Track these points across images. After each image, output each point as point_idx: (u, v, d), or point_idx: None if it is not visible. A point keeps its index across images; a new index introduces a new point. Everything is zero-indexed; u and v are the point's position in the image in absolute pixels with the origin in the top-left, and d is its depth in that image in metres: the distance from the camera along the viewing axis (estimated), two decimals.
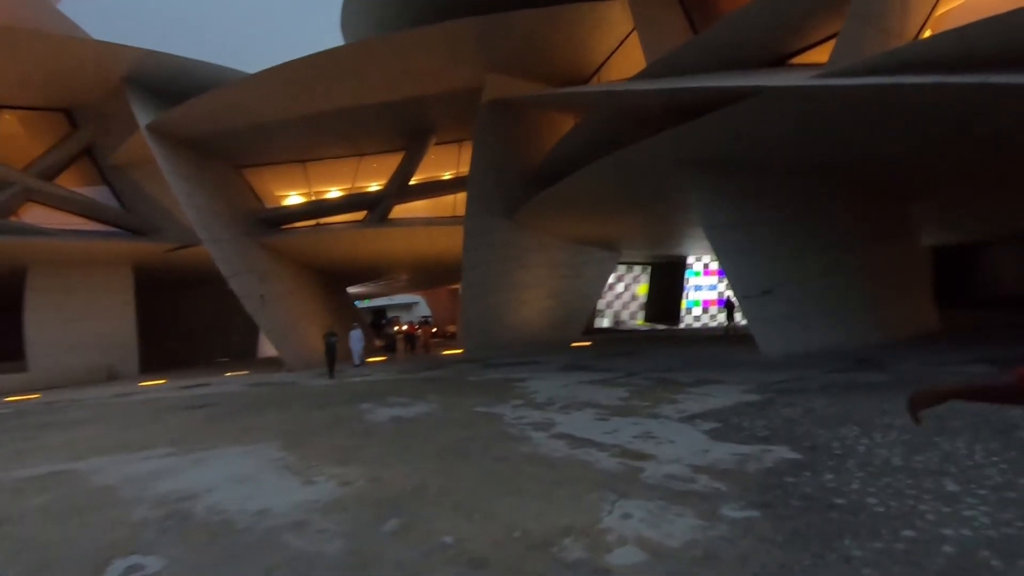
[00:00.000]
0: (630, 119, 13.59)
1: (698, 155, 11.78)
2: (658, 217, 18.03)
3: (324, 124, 18.59)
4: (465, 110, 18.83)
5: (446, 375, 12.23)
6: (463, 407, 7.49)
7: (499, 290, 18.67)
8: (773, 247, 12.08)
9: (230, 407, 9.68)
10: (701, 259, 26.79)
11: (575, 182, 14.29)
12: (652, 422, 5.64)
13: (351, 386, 11.72)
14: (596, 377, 9.56)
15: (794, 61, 11.55)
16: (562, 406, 6.90)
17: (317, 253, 21.01)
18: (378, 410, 7.89)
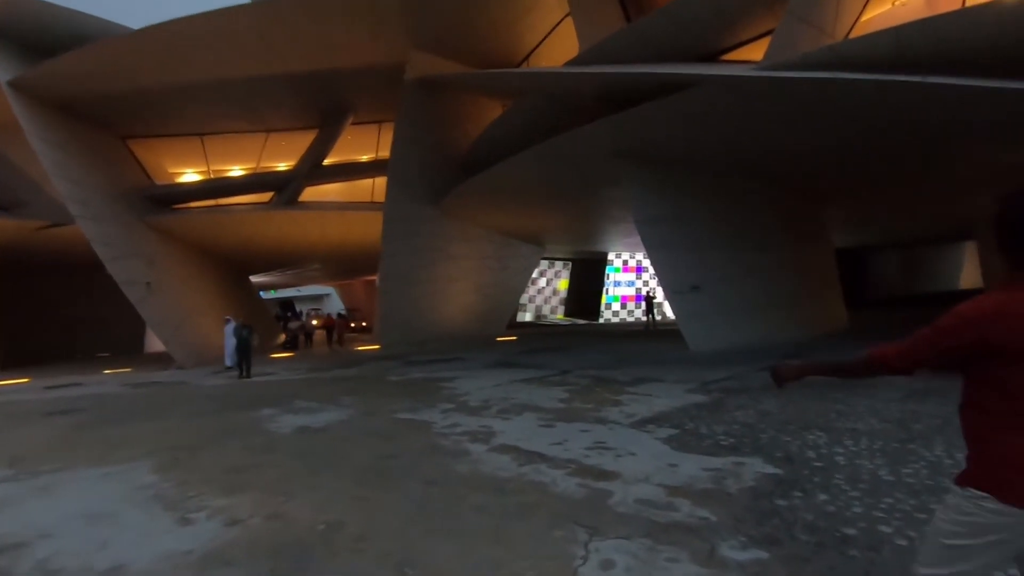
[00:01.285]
0: (563, 107, 13.08)
1: (634, 147, 11.46)
2: (584, 211, 17.77)
3: (226, 94, 16.65)
4: (387, 89, 17.57)
5: (362, 374, 11.14)
6: (384, 413, 6.57)
7: (421, 281, 17.65)
8: (701, 243, 12.04)
9: (101, 413, 8.11)
10: (620, 256, 27.11)
11: (505, 170, 13.61)
12: (602, 429, 5.05)
13: (251, 387, 10.35)
14: (529, 375, 8.92)
15: (727, 57, 11.52)
16: (499, 410, 6.17)
17: (215, 237, 18.88)
18: (281, 417, 6.77)
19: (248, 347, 12.19)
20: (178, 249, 18.05)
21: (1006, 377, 1.35)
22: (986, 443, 1.41)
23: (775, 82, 8.09)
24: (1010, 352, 1.33)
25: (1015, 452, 1.34)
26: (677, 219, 11.90)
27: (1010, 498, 1.33)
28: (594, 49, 11.94)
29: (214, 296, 19.61)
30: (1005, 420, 1.37)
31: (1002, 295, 1.37)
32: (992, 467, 1.38)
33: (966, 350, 1.38)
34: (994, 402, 1.38)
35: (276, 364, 14.73)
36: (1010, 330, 1.32)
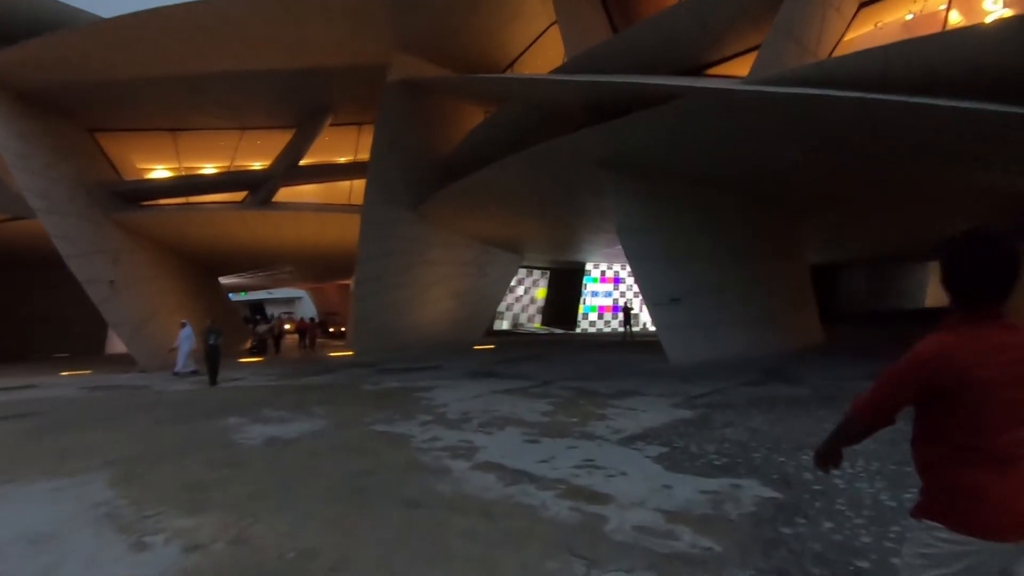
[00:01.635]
0: (547, 115, 13.00)
1: (618, 157, 11.40)
2: (565, 220, 17.68)
3: (201, 88, 16.13)
4: (368, 90, 17.27)
5: (335, 382, 10.76)
6: (358, 425, 6.26)
7: (398, 287, 17.29)
8: (682, 255, 12.02)
9: (55, 419, 7.61)
10: (598, 266, 27.13)
11: (486, 176, 13.44)
12: (590, 445, 4.86)
13: (217, 393, 9.90)
14: (510, 386, 8.69)
15: (712, 72, 11.58)
16: (481, 424, 5.93)
17: (185, 235, 18.23)
18: (250, 428, 6.41)
19: (217, 353, 11.36)
20: (145, 247, 17.37)
21: (956, 414, 1.40)
22: (937, 475, 1.44)
23: (762, 96, 8.09)
24: (958, 392, 1.37)
25: (965, 484, 1.38)
26: (658, 230, 11.87)
27: (961, 528, 1.36)
28: (581, 57, 11.88)
29: (181, 296, 18.91)
30: (955, 454, 1.41)
31: (950, 336, 1.42)
32: (943, 498, 1.42)
33: (922, 392, 1.42)
34: (945, 437, 1.42)
35: (244, 369, 14.21)
36: (959, 371, 1.37)
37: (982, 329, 1.41)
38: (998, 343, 1.40)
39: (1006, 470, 1.39)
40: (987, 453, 1.39)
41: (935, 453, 1.45)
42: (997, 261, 1.40)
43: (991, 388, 1.36)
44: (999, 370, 1.37)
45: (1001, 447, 1.39)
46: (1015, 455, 1.40)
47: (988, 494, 1.36)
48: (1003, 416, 1.38)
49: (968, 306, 1.43)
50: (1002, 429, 1.39)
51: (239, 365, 15.36)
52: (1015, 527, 1.36)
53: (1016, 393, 1.39)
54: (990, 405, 1.37)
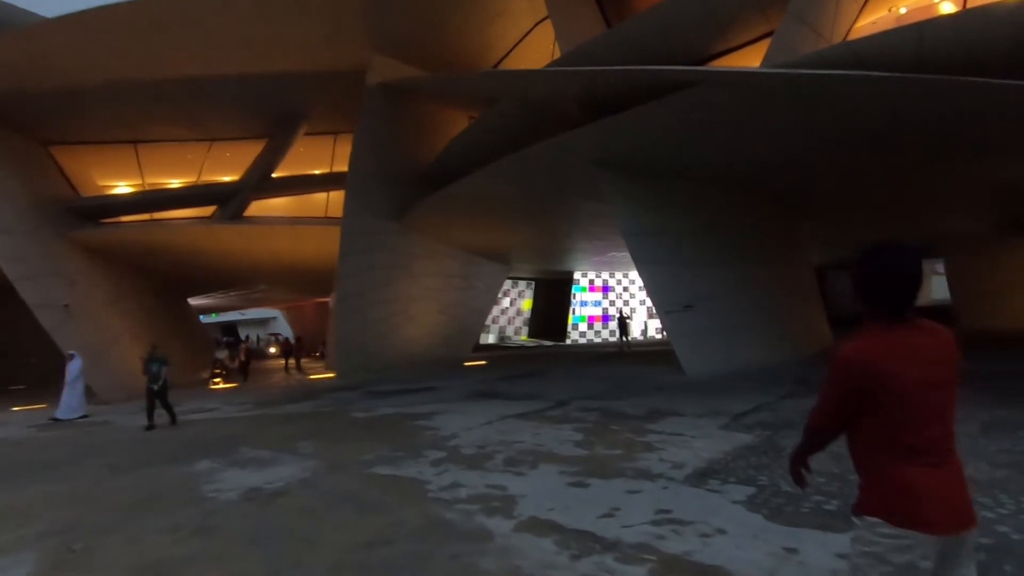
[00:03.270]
0: (539, 115, 12.21)
1: (618, 156, 10.63)
2: (559, 226, 16.87)
3: (163, 96, 14.99)
4: (344, 96, 16.36)
5: (320, 409, 9.65)
6: (356, 465, 5.23)
7: (381, 302, 16.21)
8: (692, 258, 11.28)
9: None
10: (587, 275, 26.38)
11: (474, 182, 12.57)
12: (653, 488, 3.94)
13: (184, 429, 8.72)
14: (522, 409, 7.72)
15: (715, 64, 10.96)
16: (506, 460, 4.95)
17: (149, 253, 16.90)
18: (223, 474, 5.32)
19: (163, 389, 9.27)
20: (105, 268, 16.00)
21: (881, 413, 1.47)
22: (873, 472, 1.50)
23: (791, 80, 7.38)
24: (878, 392, 1.46)
25: (898, 479, 1.45)
26: (665, 233, 11.11)
27: (900, 522, 1.42)
28: (576, 52, 11.14)
29: (147, 320, 17.50)
30: (886, 451, 1.47)
31: (866, 341, 1.51)
32: (880, 494, 1.47)
33: (850, 394, 1.50)
34: (875, 435, 1.50)
35: (216, 398, 12.96)
36: (875, 373, 1.45)
37: (896, 333, 1.50)
38: (911, 345, 1.48)
39: (936, 464, 1.45)
40: (915, 449, 1.44)
41: (868, 451, 1.51)
42: (907, 271, 1.49)
43: (908, 387, 1.44)
44: (914, 370, 1.45)
45: (927, 442, 1.45)
46: (943, 449, 1.47)
47: (921, 488, 1.42)
48: (924, 413, 1.46)
49: (882, 312, 1.52)
50: (925, 425, 1.46)
51: (210, 393, 14.08)
52: (949, 520, 1.42)
53: (933, 391, 1.46)
54: (909, 403, 1.45)
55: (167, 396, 9.38)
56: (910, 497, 1.41)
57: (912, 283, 1.49)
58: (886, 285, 1.51)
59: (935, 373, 1.47)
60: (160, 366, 9.36)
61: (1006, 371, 8.01)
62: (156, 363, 9.36)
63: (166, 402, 9.28)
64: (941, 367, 1.48)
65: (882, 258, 1.52)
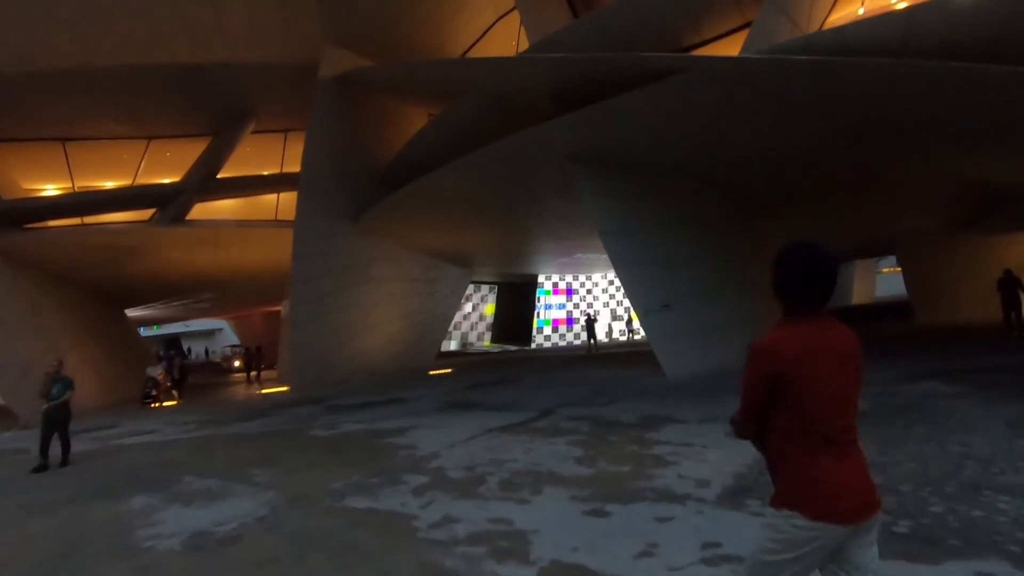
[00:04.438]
0: (505, 110, 11.66)
1: (591, 150, 10.18)
2: (524, 228, 16.32)
3: (96, 87, 13.70)
4: (295, 91, 15.43)
5: (274, 427, 8.72)
6: (324, 496, 4.46)
7: (338, 309, 15.22)
8: (666, 257, 10.92)
9: None
10: (550, 278, 25.96)
11: (439, 179, 11.92)
12: (684, 512, 3.38)
13: (119, 454, 7.65)
14: (503, 420, 7.06)
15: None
16: (502, 484, 4.29)
17: (79, 261, 15.35)
18: (163, 513, 4.45)
19: (64, 416, 7.48)
20: (28, 278, 14.39)
21: (791, 406, 1.54)
22: (787, 465, 1.57)
23: (780, 66, 7.06)
24: (786, 384, 1.52)
25: (809, 472, 1.52)
26: (643, 231, 10.73)
27: (815, 514, 1.48)
28: (546, 42, 10.67)
29: (77, 334, 15.88)
30: (797, 443, 1.54)
31: (778, 334, 1.58)
32: (795, 488, 1.53)
33: (763, 385, 1.56)
34: (789, 428, 1.55)
35: (156, 418, 11.72)
36: (783, 364, 1.51)
37: (808, 327, 1.57)
38: (821, 339, 1.56)
39: (842, 455, 1.52)
40: (824, 440, 1.52)
41: (780, 444, 1.58)
42: (822, 269, 1.57)
43: (814, 380, 1.51)
44: (821, 362, 1.53)
45: (834, 433, 1.52)
46: (848, 440, 1.55)
47: (830, 481, 1.50)
48: (830, 404, 1.53)
49: (796, 308, 1.60)
50: (832, 416, 1.53)
51: (149, 413, 12.78)
52: (854, 509, 1.50)
53: (838, 383, 1.54)
54: (816, 396, 1.52)
55: (68, 427, 7.57)
56: (821, 490, 1.49)
57: (826, 281, 1.56)
58: (801, 282, 1.57)
59: (841, 367, 1.54)
60: (64, 388, 7.64)
61: (996, 366, 7.91)
62: (60, 384, 7.65)
63: (65, 435, 7.49)
64: (847, 362, 1.56)
65: (798, 256, 1.59)
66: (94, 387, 15.28)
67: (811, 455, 1.50)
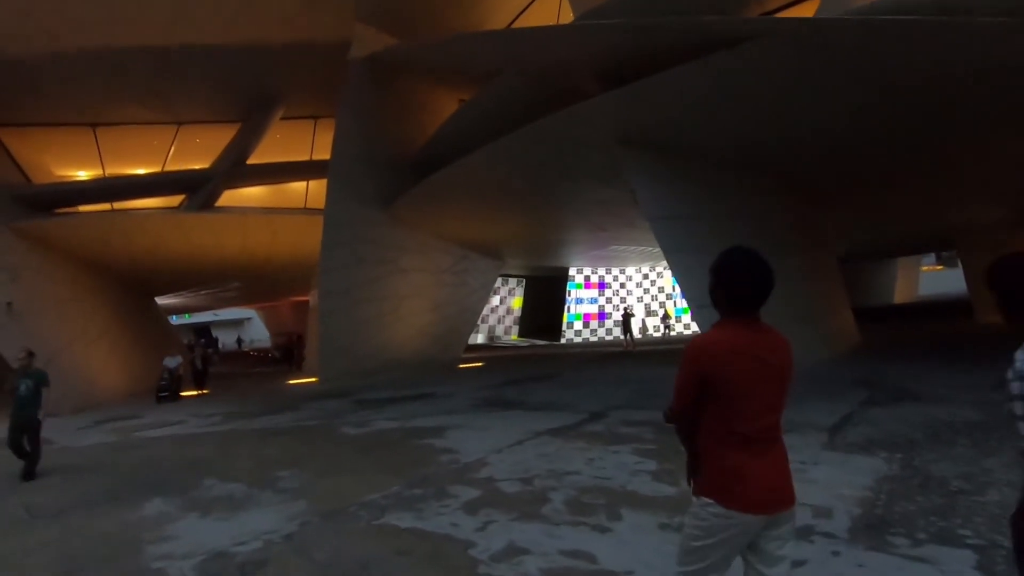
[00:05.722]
0: (546, 90, 10.96)
1: (639, 131, 9.41)
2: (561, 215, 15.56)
3: (124, 70, 13.40)
4: (325, 75, 14.94)
5: (303, 422, 8.22)
6: (360, 512, 3.87)
7: (368, 300, 14.76)
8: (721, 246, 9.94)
9: None
10: (582, 271, 25.16)
11: (472, 164, 11.29)
12: (821, 554, 2.67)
13: (139, 449, 7.23)
14: (550, 422, 6.41)
15: None
16: (568, 503, 3.63)
17: (109, 247, 15.18)
18: (179, 525, 3.92)
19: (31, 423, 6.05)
20: (58, 263, 14.25)
21: (718, 403, 1.60)
22: (710, 457, 1.63)
23: (869, 29, 6.20)
24: (715, 382, 1.58)
25: (728, 465, 1.59)
26: (695, 219, 9.92)
27: (730, 503, 1.56)
28: (593, 11, 9.91)
29: (107, 321, 15.76)
30: (721, 438, 1.61)
31: (713, 335, 1.65)
32: (715, 478, 1.61)
33: (695, 382, 1.62)
34: (715, 424, 1.62)
35: (183, 408, 11.39)
36: (713, 363, 1.58)
37: (741, 330, 1.62)
38: (751, 342, 1.61)
39: (762, 452, 1.60)
40: (745, 437, 1.58)
41: (707, 438, 1.64)
42: (756, 275, 1.65)
43: (741, 379, 1.57)
44: (747, 363, 1.58)
45: (756, 432, 1.58)
46: (770, 439, 1.63)
47: (746, 474, 1.57)
48: (754, 404, 1.59)
49: (730, 312, 1.66)
50: (755, 416, 1.59)
51: (176, 404, 12.48)
52: (767, 502, 1.57)
53: (762, 384, 1.60)
54: (742, 395, 1.58)
55: (38, 433, 6.10)
56: (736, 480, 1.57)
57: (759, 287, 1.64)
58: (736, 287, 1.65)
59: (767, 369, 1.60)
60: (34, 385, 6.08)
61: None
62: (29, 379, 6.13)
63: (35, 442, 6.04)
64: (773, 365, 1.62)
65: (734, 262, 1.68)
66: (122, 375, 15.13)
67: (731, 449, 1.58)
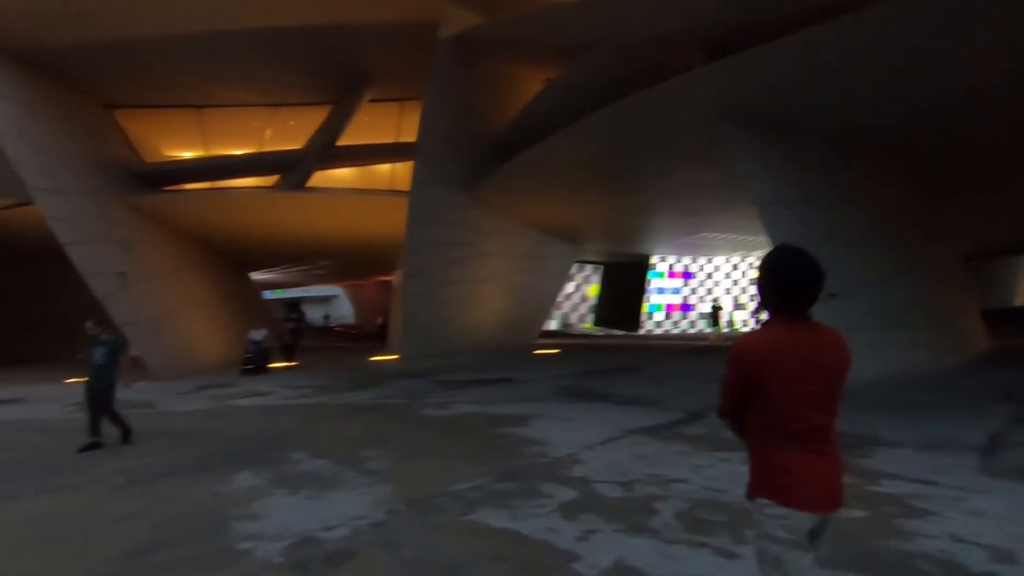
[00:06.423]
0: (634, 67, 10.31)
1: (746, 105, 8.60)
2: (649, 198, 14.80)
3: (223, 53, 13.92)
4: (412, 56, 14.85)
5: (386, 400, 8.24)
6: (447, 503, 3.66)
7: (449, 282, 14.79)
8: (835, 235, 9.13)
9: None
10: (665, 259, 24.10)
11: (557, 145, 10.87)
12: None
13: (231, 416, 7.48)
14: (643, 420, 5.97)
15: None
16: (679, 516, 3.22)
17: (210, 222, 16.09)
18: (266, 501, 3.86)
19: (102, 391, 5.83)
20: (165, 237, 15.27)
21: (765, 401, 1.57)
22: (759, 456, 1.61)
23: None
24: (760, 380, 1.56)
25: (781, 462, 1.55)
26: (805, 205, 9.01)
27: (785, 500, 1.52)
28: None
29: (206, 293, 16.78)
30: (770, 437, 1.58)
31: (760, 333, 1.62)
32: (767, 476, 1.58)
33: (741, 381, 1.61)
34: (762, 422, 1.60)
35: (272, 379, 11.87)
36: (757, 362, 1.57)
37: (788, 330, 1.59)
38: (799, 341, 1.57)
39: (813, 451, 1.55)
40: (792, 435, 1.55)
41: (756, 436, 1.61)
42: (805, 274, 1.61)
43: (784, 379, 1.54)
44: (793, 363, 1.55)
45: (805, 432, 1.55)
46: (821, 439, 1.57)
47: (797, 471, 1.53)
48: (800, 404, 1.55)
49: (779, 311, 1.62)
50: (801, 416, 1.55)
51: (266, 373, 13.06)
52: (819, 500, 1.53)
53: (809, 384, 1.55)
54: (786, 395, 1.55)
55: (111, 403, 5.88)
56: (785, 476, 1.53)
57: (809, 285, 1.60)
58: (786, 286, 1.60)
59: (815, 369, 1.55)
60: (108, 354, 5.84)
61: None
62: (103, 348, 5.85)
63: (104, 409, 5.85)
64: (822, 365, 1.56)
65: (784, 261, 1.64)
66: (218, 345, 16.06)
67: (780, 447, 1.55)
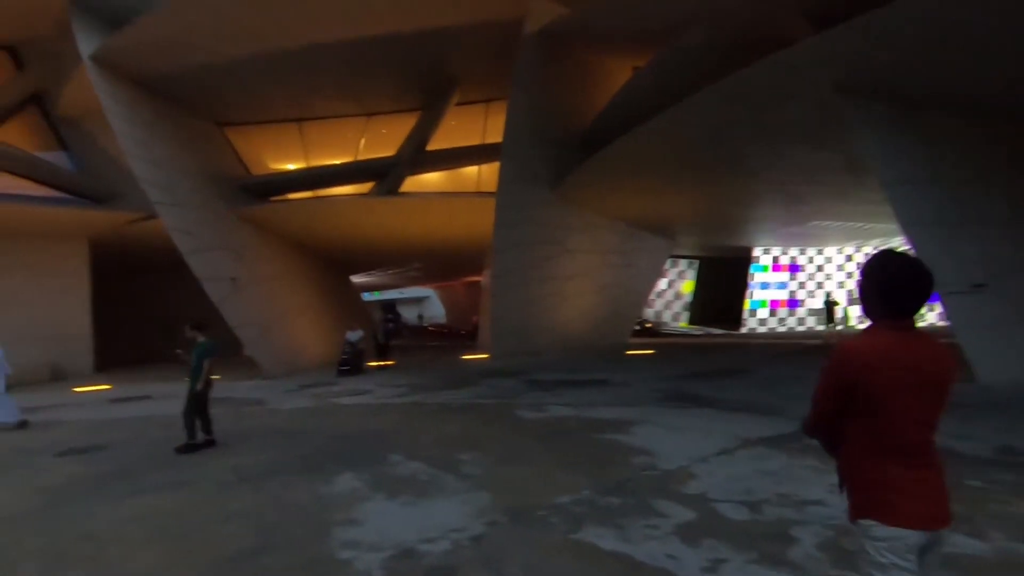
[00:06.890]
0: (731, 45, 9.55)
1: (868, 76, 7.65)
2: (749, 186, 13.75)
3: (320, 66, 14.59)
4: (496, 56, 14.80)
5: (479, 400, 8.18)
6: (551, 517, 3.40)
7: (536, 281, 14.64)
8: (979, 218, 7.94)
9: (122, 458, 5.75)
10: (769, 251, 22.42)
11: (648, 133, 10.36)
12: None
13: (332, 416, 7.70)
14: (761, 429, 5.38)
15: None
16: (822, 547, 2.73)
17: (311, 229, 17.05)
18: (367, 506, 3.81)
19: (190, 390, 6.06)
20: (272, 243, 16.33)
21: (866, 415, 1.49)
22: (861, 474, 1.51)
23: None
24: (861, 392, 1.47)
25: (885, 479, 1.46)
26: (943, 183, 7.91)
27: (892, 520, 1.43)
28: None
29: (311, 296, 17.77)
30: (874, 453, 1.48)
31: (861, 341, 1.53)
32: (870, 495, 1.48)
33: (840, 392, 1.52)
34: (864, 437, 1.50)
35: (370, 378, 12.26)
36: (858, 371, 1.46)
37: (892, 337, 1.50)
38: (902, 349, 1.48)
39: (915, 465, 1.46)
40: (893, 449, 1.46)
41: (856, 453, 1.52)
42: (914, 280, 1.50)
43: (891, 390, 1.45)
44: (896, 372, 1.46)
45: (905, 443, 1.46)
46: (921, 452, 1.48)
47: (902, 487, 1.44)
48: (905, 417, 1.46)
49: (883, 318, 1.54)
50: (906, 430, 1.47)
51: (365, 372, 13.52)
52: (926, 517, 1.44)
53: (912, 394, 1.46)
54: (892, 407, 1.46)
55: (192, 404, 6.02)
56: (892, 493, 1.44)
57: (917, 292, 1.51)
58: (892, 292, 1.52)
59: (918, 379, 1.46)
60: (195, 357, 6.00)
61: None
62: (193, 352, 6.04)
63: (205, 413, 6.12)
64: (930, 376, 1.48)
65: (891, 266, 1.54)
66: (320, 345, 16.90)
67: (883, 464, 1.46)
